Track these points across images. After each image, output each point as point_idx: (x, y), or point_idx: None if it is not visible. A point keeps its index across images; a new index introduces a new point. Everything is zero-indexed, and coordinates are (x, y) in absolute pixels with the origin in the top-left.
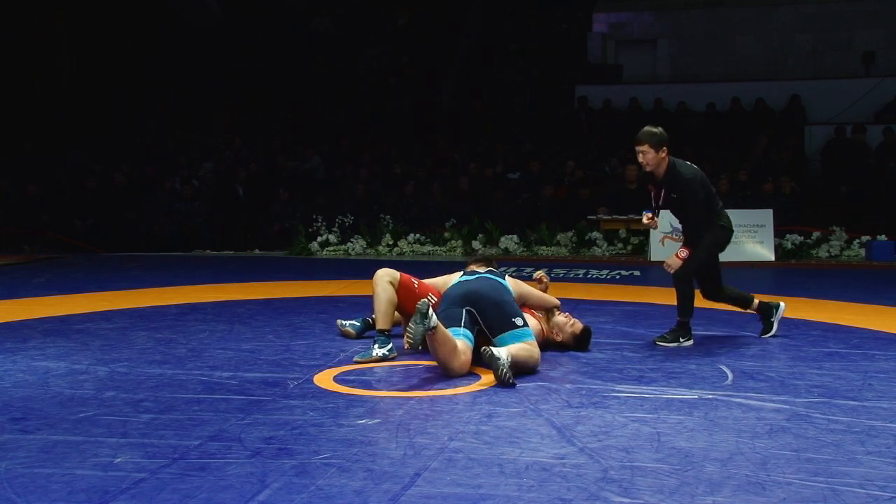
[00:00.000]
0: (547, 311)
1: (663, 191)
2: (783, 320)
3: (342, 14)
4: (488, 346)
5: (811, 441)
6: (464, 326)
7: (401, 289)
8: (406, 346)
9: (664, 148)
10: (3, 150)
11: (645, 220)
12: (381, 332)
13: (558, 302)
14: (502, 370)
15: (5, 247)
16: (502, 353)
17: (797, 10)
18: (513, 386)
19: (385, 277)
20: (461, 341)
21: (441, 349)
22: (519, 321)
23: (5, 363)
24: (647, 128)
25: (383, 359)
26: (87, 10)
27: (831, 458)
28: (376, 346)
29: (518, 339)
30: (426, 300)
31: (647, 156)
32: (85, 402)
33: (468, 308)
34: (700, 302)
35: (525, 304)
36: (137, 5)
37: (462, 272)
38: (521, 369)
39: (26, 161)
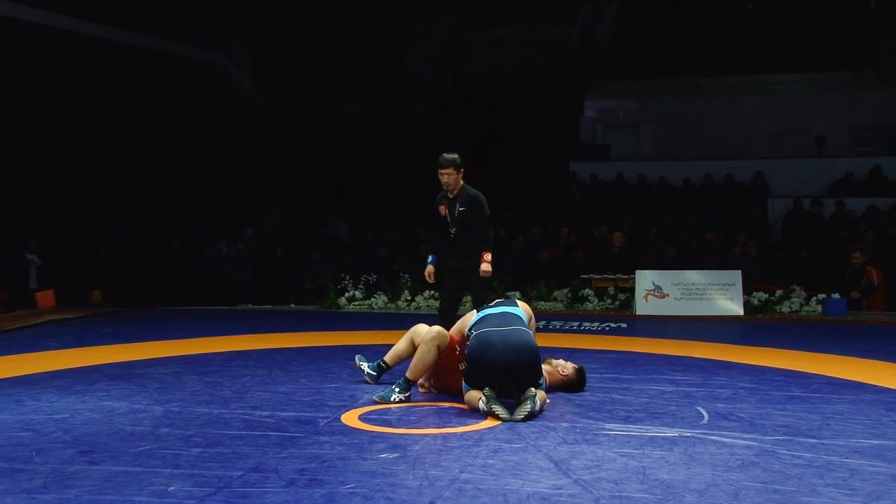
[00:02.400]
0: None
1: (457, 206)
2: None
3: (367, 100)
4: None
5: (777, 474)
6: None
7: (445, 352)
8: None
9: (461, 171)
10: (77, 218)
11: (427, 274)
12: (408, 380)
13: None
14: (525, 414)
15: (77, 302)
16: (538, 403)
17: (761, 100)
18: (518, 422)
19: (435, 340)
20: (479, 392)
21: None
22: (541, 380)
23: (76, 403)
24: (447, 154)
25: (399, 402)
26: (149, 100)
27: (795, 489)
28: (397, 390)
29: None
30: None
31: (451, 177)
32: (143, 438)
33: (503, 379)
34: (679, 350)
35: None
36: (189, 97)
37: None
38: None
39: (96, 227)
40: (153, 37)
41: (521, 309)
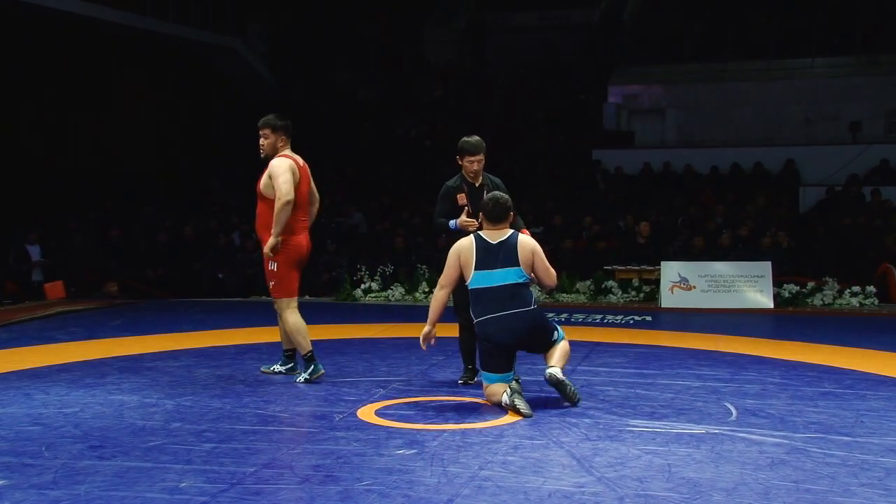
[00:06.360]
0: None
1: (485, 193)
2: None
3: (384, 87)
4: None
5: (809, 473)
6: (512, 368)
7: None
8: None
9: None
10: (87, 207)
11: (469, 224)
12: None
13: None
14: (570, 389)
15: (87, 293)
16: (558, 373)
17: (791, 85)
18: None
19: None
20: (503, 386)
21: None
22: (554, 335)
23: (85, 397)
24: (476, 138)
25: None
26: (163, 87)
27: (827, 489)
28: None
29: (556, 344)
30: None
31: (482, 163)
32: (154, 432)
33: (517, 349)
34: (705, 345)
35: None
36: (203, 83)
37: (477, 258)
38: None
39: (107, 217)
40: (168, 22)
41: (520, 265)
